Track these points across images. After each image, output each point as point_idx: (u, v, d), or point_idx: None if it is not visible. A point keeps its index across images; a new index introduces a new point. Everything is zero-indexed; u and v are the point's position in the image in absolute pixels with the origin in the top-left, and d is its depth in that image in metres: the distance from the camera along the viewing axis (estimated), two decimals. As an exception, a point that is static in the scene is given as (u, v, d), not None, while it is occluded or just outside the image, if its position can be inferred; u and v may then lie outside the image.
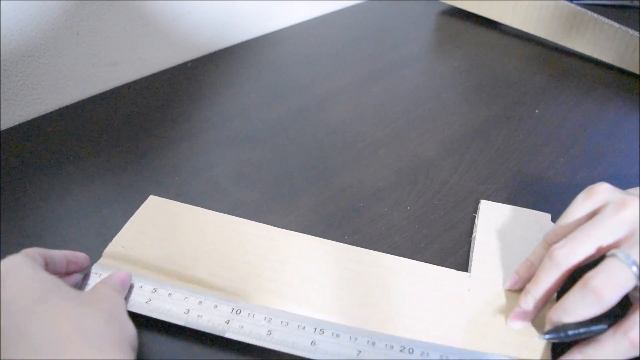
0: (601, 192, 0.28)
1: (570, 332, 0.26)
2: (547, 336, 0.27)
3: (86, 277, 0.32)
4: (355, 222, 0.38)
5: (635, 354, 0.25)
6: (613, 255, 0.25)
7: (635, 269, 0.25)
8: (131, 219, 0.36)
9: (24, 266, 0.26)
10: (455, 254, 0.35)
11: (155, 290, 0.31)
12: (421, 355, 0.27)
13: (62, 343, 0.23)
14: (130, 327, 0.26)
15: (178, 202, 0.38)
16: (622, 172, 0.41)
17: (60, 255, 0.30)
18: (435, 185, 0.41)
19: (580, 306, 0.25)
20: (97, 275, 0.32)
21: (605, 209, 0.27)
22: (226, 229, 0.36)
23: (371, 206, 0.39)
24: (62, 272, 0.30)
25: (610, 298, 0.25)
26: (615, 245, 0.26)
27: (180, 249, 0.34)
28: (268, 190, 0.41)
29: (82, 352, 0.22)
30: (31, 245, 0.36)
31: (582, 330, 0.26)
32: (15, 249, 0.36)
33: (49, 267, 0.29)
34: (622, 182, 0.31)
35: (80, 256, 0.31)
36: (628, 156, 0.43)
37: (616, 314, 0.26)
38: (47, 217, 0.39)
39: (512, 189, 0.39)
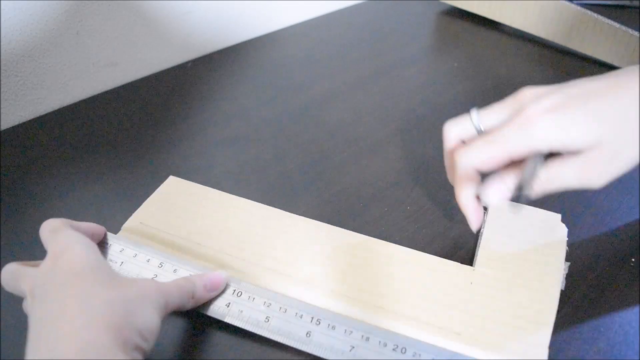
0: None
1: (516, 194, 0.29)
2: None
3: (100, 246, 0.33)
4: (355, 222, 0.38)
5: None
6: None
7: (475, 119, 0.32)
8: (150, 197, 0.38)
9: (78, 243, 0.27)
10: (455, 254, 0.35)
11: (161, 265, 0.32)
12: (413, 355, 0.27)
13: (61, 316, 0.23)
14: (145, 319, 0.25)
15: (196, 184, 0.39)
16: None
17: (86, 227, 0.31)
18: (435, 185, 0.41)
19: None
20: (108, 245, 0.33)
21: None
22: (239, 211, 0.37)
23: (371, 206, 0.39)
24: None
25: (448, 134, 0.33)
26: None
27: (195, 227, 0.36)
28: (268, 190, 0.41)
29: (72, 327, 0.23)
30: (31, 244, 0.36)
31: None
32: (16, 249, 0.36)
33: None
34: (622, 182, 0.31)
35: (101, 229, 0.33)
36: (628, 156, 0.43)
37: None
38: (47, 217, 0.38)
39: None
